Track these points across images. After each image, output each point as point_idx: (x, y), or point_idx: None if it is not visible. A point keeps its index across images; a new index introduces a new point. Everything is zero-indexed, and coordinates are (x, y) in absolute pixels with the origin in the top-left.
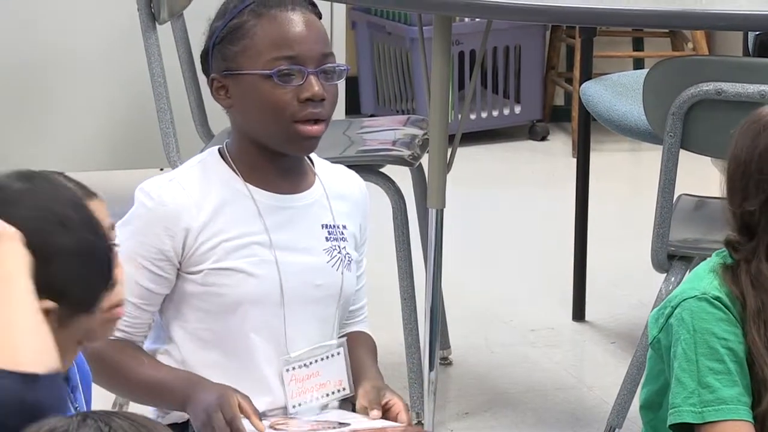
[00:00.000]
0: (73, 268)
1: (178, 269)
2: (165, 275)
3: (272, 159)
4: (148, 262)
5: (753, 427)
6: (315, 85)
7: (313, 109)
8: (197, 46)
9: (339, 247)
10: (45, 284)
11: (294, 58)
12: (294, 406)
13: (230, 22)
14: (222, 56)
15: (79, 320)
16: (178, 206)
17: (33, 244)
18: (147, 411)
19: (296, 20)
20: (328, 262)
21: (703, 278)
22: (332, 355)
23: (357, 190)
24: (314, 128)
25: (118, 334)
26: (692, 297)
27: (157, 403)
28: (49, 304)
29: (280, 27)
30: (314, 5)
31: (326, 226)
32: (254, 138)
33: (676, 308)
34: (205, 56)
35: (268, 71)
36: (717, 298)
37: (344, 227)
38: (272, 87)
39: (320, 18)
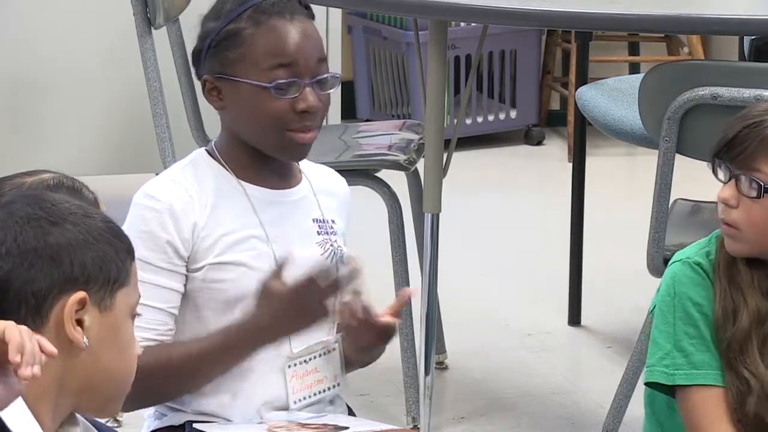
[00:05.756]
0: (85, 253)
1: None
2: (184, 272)
3: (262, 157)
4: (167, 264)
5: (722, 391)
6: (310, 97)
7: (308, 121)
8: None
9: (330, 240)
10: (64, 280)
11: (291, 70)
12: (295, 402)
13: (226, 27)
14: (217, 60)
15: (120, 296)
16: (185, 203)
17: (34, 249)
18: (145, 414)
19: (294, 31)
20: (321, 255)
21: (699, 243)
22: (329, 351)
23: (342, 189)
24: (307, 136)
25: (150, 343)
26: (679, 260)
27: (228, 359)
28: (79, 294)
29: (278, 38)
30: (308, 8)
31: (316, 220)
32: (245, 141)
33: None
34: (197, 56)
35: (265, 84)
36: (698, 264)
37: (333, 222)
38: (268, 98)
39: (313, 19)
